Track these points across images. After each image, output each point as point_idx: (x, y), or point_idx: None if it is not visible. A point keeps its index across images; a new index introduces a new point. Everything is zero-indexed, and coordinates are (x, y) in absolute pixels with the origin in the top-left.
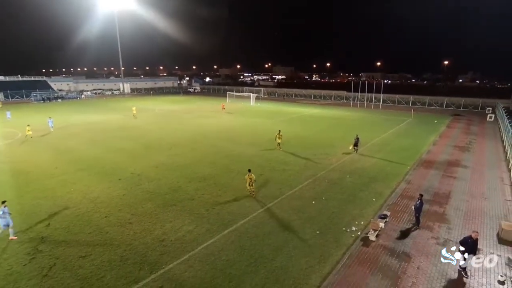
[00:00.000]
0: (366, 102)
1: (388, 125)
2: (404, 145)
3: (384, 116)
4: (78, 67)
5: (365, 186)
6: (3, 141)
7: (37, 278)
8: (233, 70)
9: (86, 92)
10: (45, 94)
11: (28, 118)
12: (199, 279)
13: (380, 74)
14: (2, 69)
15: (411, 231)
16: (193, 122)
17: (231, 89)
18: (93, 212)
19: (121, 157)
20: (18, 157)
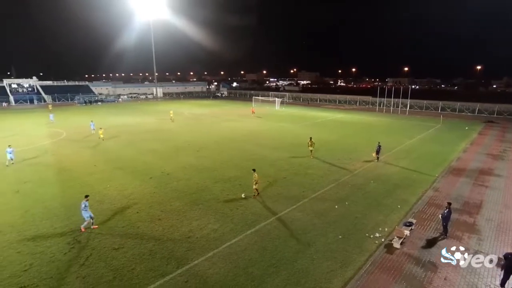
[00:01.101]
0: (392, 108)
1: (415, 131)
2: (432, 152)
3: (411, 121)
4: (116, 72)
5: (390, 193)
6: (49, 140)
7: (75, 266)
8: (259, 75)
9: (122, 96)
10: (87, 98)
11: (72, 119)
12: (222, 276)
13: (408, 79)
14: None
15: (438, 240)
16: (220, 126)
17: (257, 94)
18: (126, 207)
19: (152, 158)
20: (62, 155)
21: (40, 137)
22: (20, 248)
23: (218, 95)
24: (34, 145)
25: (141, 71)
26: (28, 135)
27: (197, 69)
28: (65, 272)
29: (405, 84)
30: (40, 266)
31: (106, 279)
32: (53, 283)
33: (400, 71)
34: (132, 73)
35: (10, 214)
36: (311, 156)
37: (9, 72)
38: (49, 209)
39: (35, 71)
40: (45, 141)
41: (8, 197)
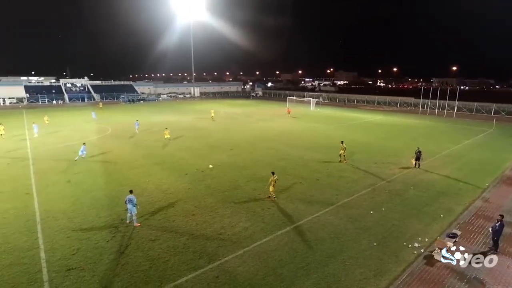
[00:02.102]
0: (438, 110)
1: (463, 135)
2: (482, 159)
3: (458, 125)
4: (158, 72)
5: (432, 201)
6: (97, 135)
7: (116, 254)
8: (294, 75)
9: (162, 95)
10: (131, 97)
11: (117, 117)
12: (251, 274)
13: (456, 80)
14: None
15: (487, 255)
16: (253, 125)
17: (292, 94)
18: (163, 201)
19: (188, 155)
20: (108, 149)
21: (89, 132)
22: (69, 233)
23: (252, 95)
24: (84, 139)
25: (180, 71)
26: (79, 130)
27: (233, 69)
28: (107, 258)
29: (453, 84)
30: (85, 251)
31: (143, 268)
32: (96, 268)
33: (447, 71)
34: (172, 73)
35: (62, 202)
36: (344, 161)
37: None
38: (96, 199)
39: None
40: (93, 136)
41: (61, 186)
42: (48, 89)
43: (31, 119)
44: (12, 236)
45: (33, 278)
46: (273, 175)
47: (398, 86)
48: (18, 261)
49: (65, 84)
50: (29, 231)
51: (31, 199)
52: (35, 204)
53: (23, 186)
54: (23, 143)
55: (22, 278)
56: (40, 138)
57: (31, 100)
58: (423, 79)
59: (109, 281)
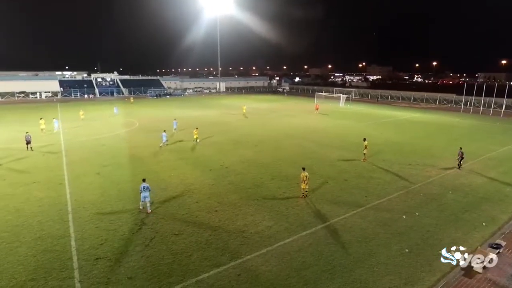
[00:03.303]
0: (483, 108)
1: (511, 136)
2: None
3: (506, 125)
4: (184, 67)
5: (473, 207)
6: (125, 129)
7: (141, 246)
8: (323, 70)
9: (188, 90)
10: (158, 91)
11: (145, 111)
12: (274, 274)
13: (505, 75)
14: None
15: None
16: (279, 121)
17: (320, 90)
18: (187, 196)
19: (212, 150)
20: (135, 142)
21: (118, 126)
22: (98, 223)
23: (279, 90)
24: (113, 133)
25: (206, 66)
26: (109, 123)
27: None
28: (132, 250)
29: (502, 80)
30: (112, 242)
31: (166, 261)
32: (122, 258)
33: (496, 65)
34: (198, 68)
35: (92, 193)
36: (365, 159)
37: (96, 68)
38: (122, 191)
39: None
40: (121, 129)
41: (91, 178)
42: (80, 83)
43: (65, 112)
44: (46, 224)
45: (64, 265)
46: (304, 171)
47: (438, 81)
48: (52, 247)
49: (96, 79)
50: (62, 219)
51: (63, 189)
52: (67, 194)
53: (56, 176)
54: (56, 135)
55: (54, 264)
56: (72, 130)
57: (64, 94)
58: (466, 74)
59: (134, 273)
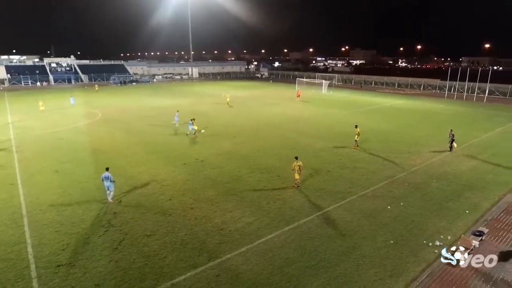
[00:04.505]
0: (466, 93)
1: (494, 122)
2: None
3: (489, 110)
4: (151, 51)
5: (456, 195)
6: (86, 121)
7: (109, 250)
8: (304, 54)
9: (157, 76)
10: (122, 78)
11: (108, 100)
12: (255, 273)
13: (488, 59)
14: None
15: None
16: (259, 110)
17: (302, 75)
18: (159, 194)
19: (186, 142)
20: (97, 136)
21: (78, 117)
22: (58, 227)
23: (258, 76)
24: (72, 125)
25: (177, 50)
26: (67, 115)
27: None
28: (99, 254)
29: (485, 64)
30: (76, 247)
31: (138, 265)
32: (88, 264)
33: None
34: (168, 52)
35: (50, 193)
36: (355, 146)
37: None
38: (86, 190)
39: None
40: (82, 121)
41: (48, 176)
42: (31, 69)
43: (15, 103)
44: None
45: (20, 274)
46: (296, 160)
47: (422, 66)
48: (5, 256)
49: (50, 64)
50: (16, 224)
51: (15, 190)
52: (20, 195)
53: (7, 175)
54: (4, 128)
55: (9, 274)
56: (24, 123)
57: (13, 82)
58: (450, 58)
59: (101, 279)
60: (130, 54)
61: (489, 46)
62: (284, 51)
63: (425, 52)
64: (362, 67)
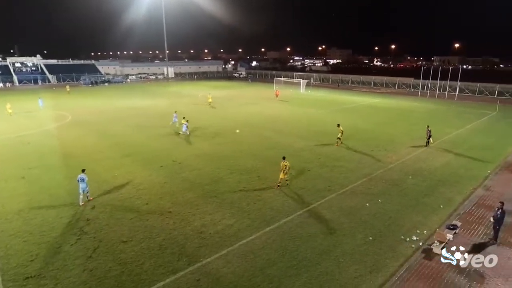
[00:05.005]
0: (438, 92)
1: (465, 119)
2: (484, 144)
3: (460, 108)
4: (124, 50)
5: (431, 190)
6: (55, 124)
7: (82, 259)
8: (282, 53)
9: (131, 76)
10: (93, 78)
11: (78, 101)
12: (237, 276)
13: (458, 58)
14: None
15: (487, 246)
16: (237, 110)
17: (279, 75)
18: (135, 198)
19: (163, 144)
20: (68, 140)
21: (46, 120)
22: (26, 237)
23: (235, 75)
24: (40, 128)
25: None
26: (34, 118)
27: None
28: (71, 264)
29: (455, 63)
30: (46, 257)
31: (114, 273)
32: (59, 275)
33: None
34: (141, 51)
35: (16, 201)
36: (337, 144)
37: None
38: (55, 197)
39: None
40: (50, 124)
41: (13, 183)
42: None
43: None
44: None
45: None
46: (284, 160)
47: (396, 65)
48: None
49: (14, 64)
50: None
51: None
52: None
53: None
54: None
55: None
56: None
57: None
58: (423, 58)
59: None
60: (101, 53)
61: (459, 45)
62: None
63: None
64: (339, 66)
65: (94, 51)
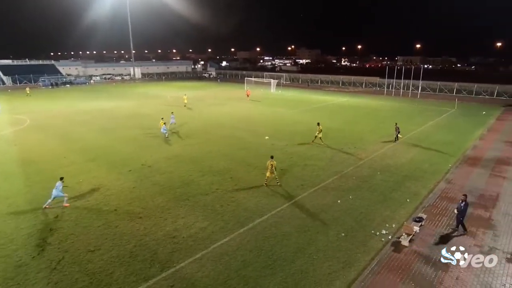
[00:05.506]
0: (403, 90)
1: (427, 116)
2: (445, 140)
3: (422, 106)
4: (87, 50)
5: (398, 185)
6: (11, 129)
7: (45, 271)
8: (252, 53)
9: (95, 77)
10: (54, 79)
11: (36, 104)
12: (212, 279)
13: (420, 58)
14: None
15: (450, 236)
16: (207, 111)
17: (250, 75)
18: (103, 204)
19: (131, 147)
20: (27, 145)
21: (2, 124)
22: None
23: (205, 75)
24: None
25: (116, 48)
26: None
27: (180, 46)
28: (33, 277)
29: (417, 63)
30: (5, 272)
31: (81, 284)
32: None
33: (412, 49)
34: (106, 51)
35: None
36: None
37: None
38: (13, 206)
39: None
40: (6, 129)
41: None
42: None
43: None
44: None
45: None
46: (271, 159)
47: (363, 65)
48: None
49: None
50: None
51: None
52: None
53: None
54: None
55: None
56: None
57: None
58: (388, 57)
59: None
60: (62, 53)
61: (420, 46)
62: (231, 50)
63: (365, 52)
64: (308, 66)
65: (54, 51)
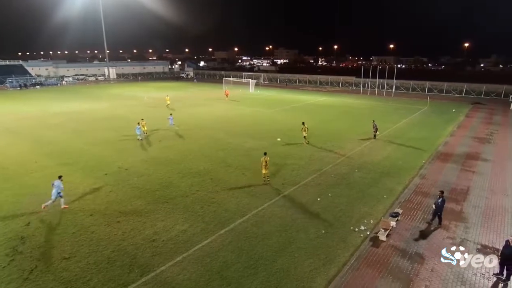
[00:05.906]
0: (377, 89)
1: (401, 114)
2: (419, 137)
3: (396, 104)
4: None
5: (375, 182)
6: None
7: (17, 282)
8: (230, 53)
9: (67, 78)
10: (22, 80)
11: (3, 106)
12: (193, 282)
13: (393, 58)
14: None
15: (425, 230)
16: (186, 111)
17: (228, 75)
18: (77, 210)
19: (107, 150)
20: None
21: None
22: None
23: (183, 76)
24: None
25: (89, 48)
26: None
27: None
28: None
29: (391, 63)
30: None
31: None
32: None
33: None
34: (78, 51)
35: None
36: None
37: None
38: None
39: None
40: None
41: None
42: None
43: None
44: None
45: None
46: (265, 156)
47: (339, 64)
48: None
49: None
50: None
51: None
52: None
53: None
54: None
55: None
56: None
57: None
58: (363, 57)
59: None
60: (30, 53)
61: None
62: (209, 50)
63: (342, 52)
64: (286, 66)
65: (22, 51)
